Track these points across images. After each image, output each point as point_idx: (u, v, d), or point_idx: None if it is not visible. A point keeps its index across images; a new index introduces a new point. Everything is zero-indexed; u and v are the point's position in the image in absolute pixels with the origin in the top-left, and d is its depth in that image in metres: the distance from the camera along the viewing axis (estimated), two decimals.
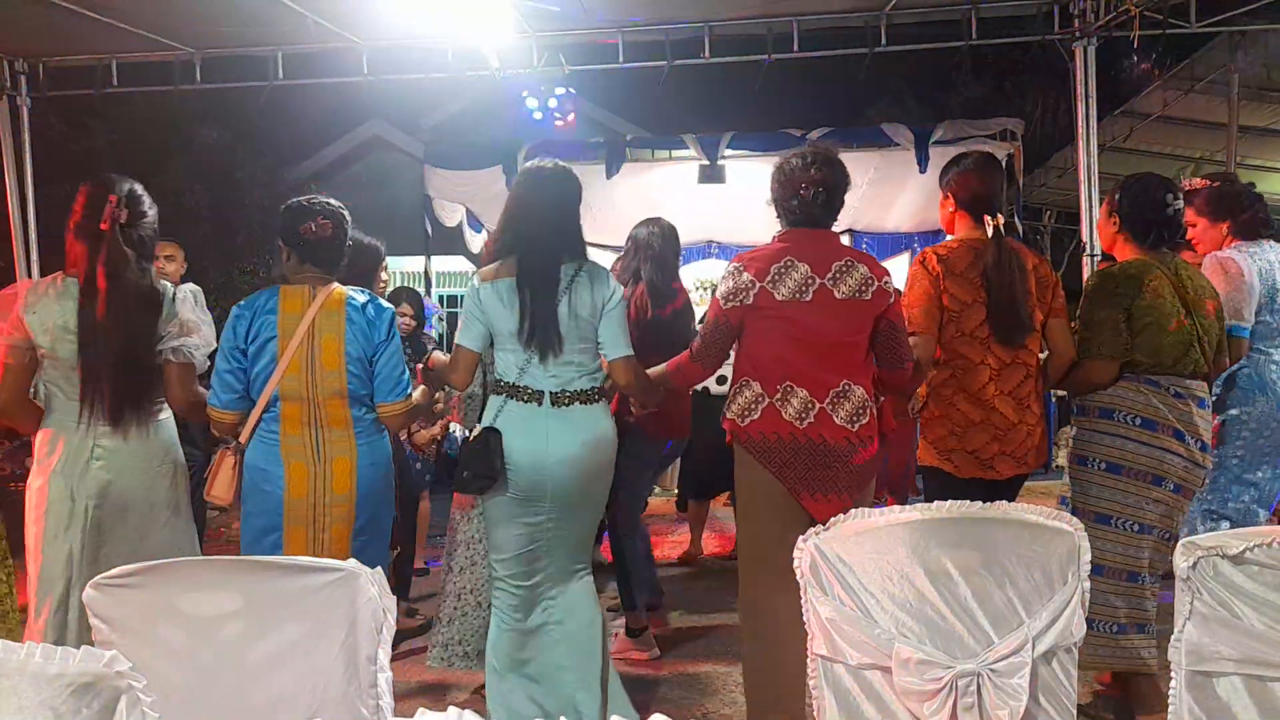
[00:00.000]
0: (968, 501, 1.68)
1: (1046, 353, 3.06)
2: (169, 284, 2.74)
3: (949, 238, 3.13)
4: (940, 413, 2.97)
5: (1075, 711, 1.70)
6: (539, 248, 2.70)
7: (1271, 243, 3.53)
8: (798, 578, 1.73)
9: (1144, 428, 2.94)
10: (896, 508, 1.69)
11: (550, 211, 2.75)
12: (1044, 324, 2.98)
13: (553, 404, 2.66)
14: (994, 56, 13.04)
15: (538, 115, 9.24)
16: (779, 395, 2.67)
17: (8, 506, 2.96)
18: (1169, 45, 5.43)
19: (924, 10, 5.21)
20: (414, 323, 4.55)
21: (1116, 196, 3.08)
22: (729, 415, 2.75)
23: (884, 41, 5.18)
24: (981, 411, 2.90)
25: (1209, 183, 3.64)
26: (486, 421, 2.68)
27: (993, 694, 1.60)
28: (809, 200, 2.74)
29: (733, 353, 2.86)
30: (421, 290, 5.85)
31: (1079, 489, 3.05)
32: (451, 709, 1.12)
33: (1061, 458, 4.45)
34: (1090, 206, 4.76)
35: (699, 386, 3.54)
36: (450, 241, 8.40)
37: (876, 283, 2.70)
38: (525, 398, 2.66)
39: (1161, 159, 8.31)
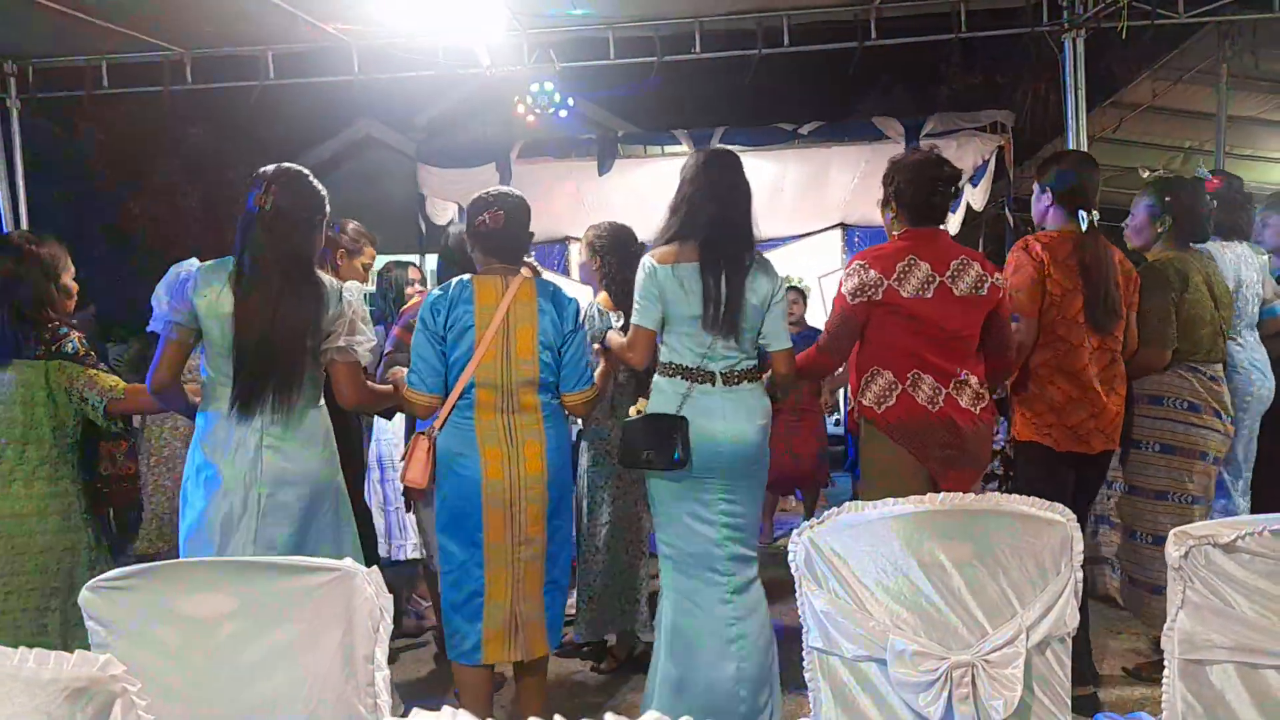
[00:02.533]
0: (959, 494, 1.68)
1: None
2: (335, 281, 2.71)
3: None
4: (1039, 391, 3.15)
5: (1070, 701, 1.71)
6: (726, 232, 2.75)
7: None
8: (792, 571, 1.74)
9: (1190, 410, 3.29)
10: (890, 500, 1.69)
11: (734, 196, 2.80)
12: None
13: (724, 383, 2.76)
14: (983, 49, 13.02)
15: (531, 118, 9.17)
16: (910, 382, 2.84)
17: (113, 503, 3.01)
18: (1158, 36, 5.42)
19: (913, 4, 5.21)
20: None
21: (1166, 199, 3.39)
22: (864, 402, 2.89)
23: (873, 35, 5.18)
24: (1080, 390, 3.10)
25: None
26: (669, 405, 2.74)
27: (987, 684, 1.60)
28: (948, 197, 2.94)
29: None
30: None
31: (1135, 469, 3.37)
32: (446, 708, 1.12)
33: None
34: None
35: None
36: None
37: (989, 279, 2.88)
38: (701, 379, 2.75)
39: (1151, 149, 8.32)
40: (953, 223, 7.42)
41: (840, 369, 3.19)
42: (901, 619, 1.65)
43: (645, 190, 7.58)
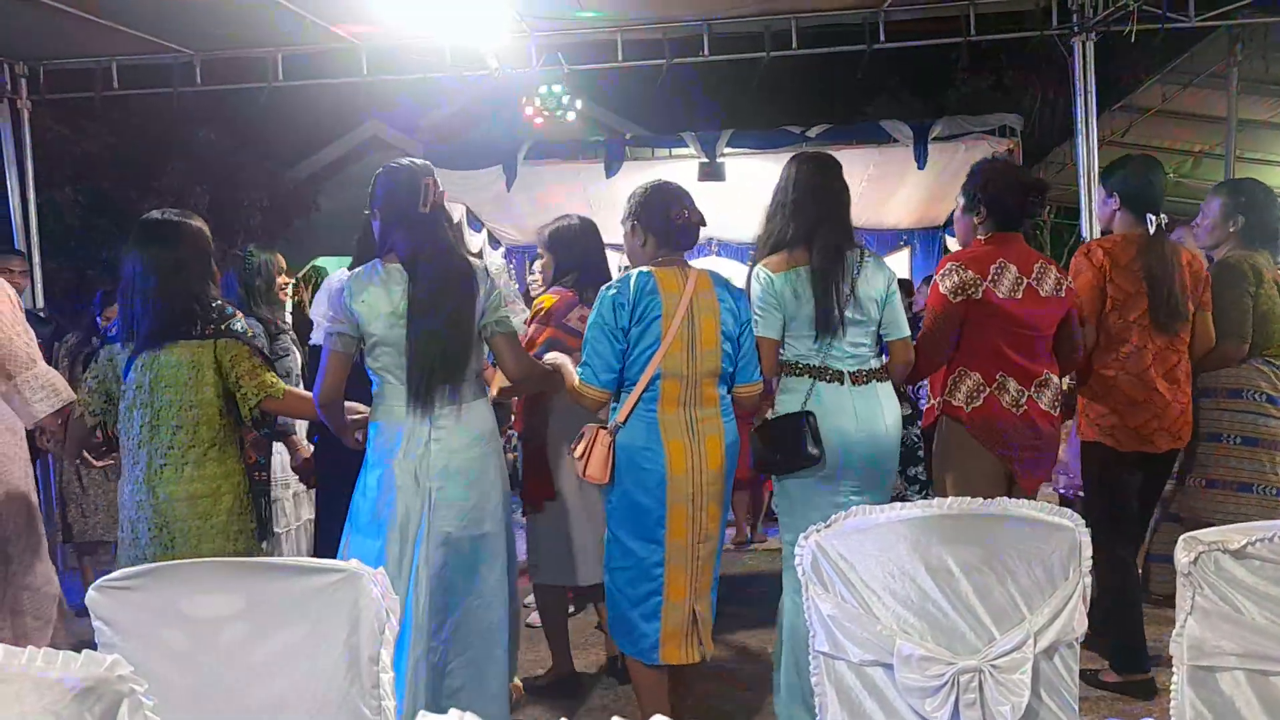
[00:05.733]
0: (968, 498, 1.68)
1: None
2: (477, 260, 2.74)
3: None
4: (1103, 393, 3.24)
5: (1077, 706, 1.70)
6: (827, 236, 2.78)
7: None
8: (799, 575, 1.73)
9: (1270, 403, 3.37)
10: (897, 505, 1.69)
11: (834, 200, 2.84)
12: (1194, 314, 3.29)
13: (853, 382, 2.78)
14: (992, 52, 13.00)
15: (539, 119, 9.18)
16: (996, 384, 2.94)
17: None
18: (1168, 39, 5.41)
19: (922, 7, 5.21)
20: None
21: (1241, 200, 3.46)
22: (953, 402, 2.97)
23: (882, 38, 5.18)
24: (1144, 391, 3.17)
25: None
26: (795, 404, 2.76)
27: (994, 690, 1.60)
28: (1035, 205, 3.07)
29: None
30: None
31: (1215, 462, 3.41)
32: (453, 710, 1.12)
33: None
34: (1090, 201, 4.75)
35: None
36: None
37: (1066, 281, 3.02)
38: (828, 378, 2.77)
39: (1161, 153, 8.28)
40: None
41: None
42: (908, 624, 1.64)
43: None
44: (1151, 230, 3.21)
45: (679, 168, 7.21)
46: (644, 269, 2.71)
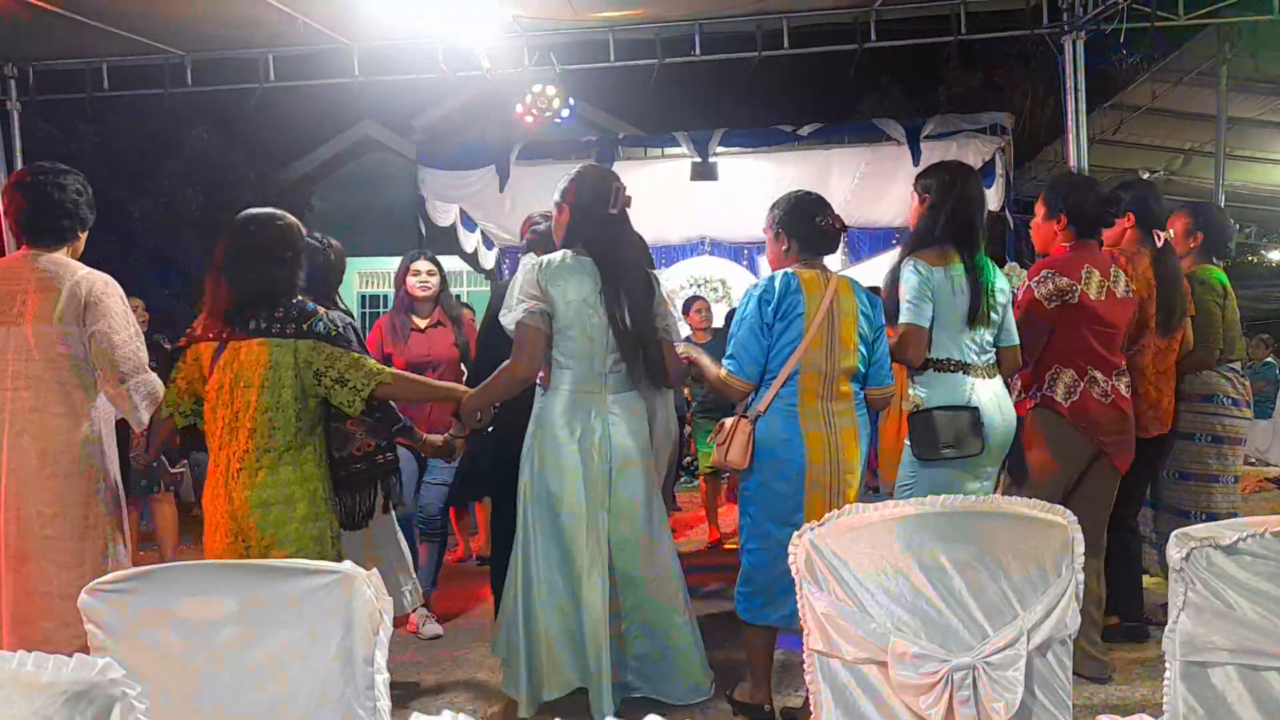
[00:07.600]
0: (961, 496, 1.68)
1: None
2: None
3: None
4: None
5: (1070, 703, 1.71)
6: (975, 238, 3.00)
7: None
8: (793, 573, 1.73)
9: (1233, 405, 3.80)
10: (890, 503, 1.69)
11: (978, 206, 3.05)
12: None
13: (985, 376, 2.99)
14: (983, 51, 13.04)
15: (531, 121, 9.17)
16: (1088, 379, 3.20)
17: (359, 482, 2.90)
18: (1157, 37, 5.43)
19: (913, 6, 5.22)
20: None
21: (1200, 219, 3.86)
22: (1054, 397, 3.21)
23: (873, 37, 5.20)
24: (1142, 384, 3.50)
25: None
26: (957, 397, 2.91)
27: (988, 687, 1.60)
28: (1114, 215, 3.37)
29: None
30: None
31: (1190, 459, 3.81)
32: (446, 711, 1.12)
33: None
34: None
35: None
36: (445, 241, 8.36)
37: (1134, 284, 3.31)
38: (974, 372, 2.97)
39: (1151, 151, 8.32)
40: None
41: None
42: (902, 621, 1.64)
43: (646, 192, 7.57)
44: (1159, 245, 3.52)
45: (672, 167, 7.23)
46: (788, 270, 2.87)
